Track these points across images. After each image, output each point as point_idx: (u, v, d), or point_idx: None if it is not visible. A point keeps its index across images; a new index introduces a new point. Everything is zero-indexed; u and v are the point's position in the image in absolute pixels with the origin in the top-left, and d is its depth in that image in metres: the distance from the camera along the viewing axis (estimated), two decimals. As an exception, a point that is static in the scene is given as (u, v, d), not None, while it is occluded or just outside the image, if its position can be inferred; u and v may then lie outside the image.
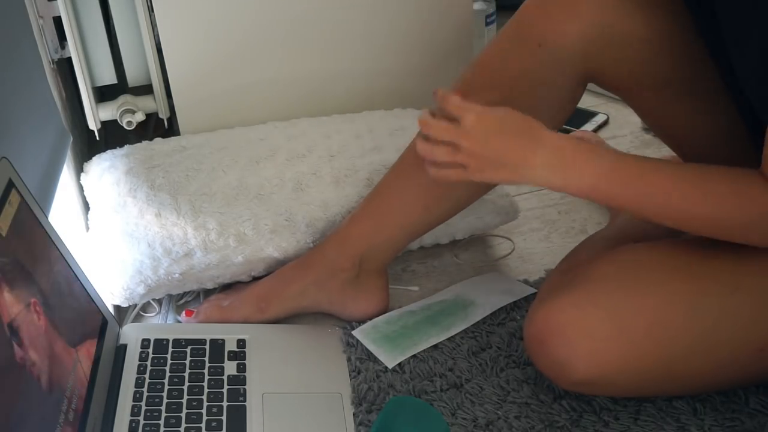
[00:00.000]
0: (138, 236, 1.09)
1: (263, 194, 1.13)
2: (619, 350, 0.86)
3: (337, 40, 1.32)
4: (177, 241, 1.08)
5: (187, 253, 1.08)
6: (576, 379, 0.88)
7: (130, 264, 1.07)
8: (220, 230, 1.09)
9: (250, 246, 1.09)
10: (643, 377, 0.89)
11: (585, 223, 1.28)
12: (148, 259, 1.07)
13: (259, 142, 1.22)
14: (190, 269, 1.08)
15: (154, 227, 1.09)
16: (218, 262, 1.09)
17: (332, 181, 1.16)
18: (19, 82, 1.00)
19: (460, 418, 0.93)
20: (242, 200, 1.12)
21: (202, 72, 1.29)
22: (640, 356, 0.86)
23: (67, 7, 1.18)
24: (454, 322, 1.06)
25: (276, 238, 1.10)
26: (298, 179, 1.15)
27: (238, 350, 0.99)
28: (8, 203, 0.79)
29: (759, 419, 0.91)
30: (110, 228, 1.11)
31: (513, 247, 1.23)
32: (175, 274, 1.08)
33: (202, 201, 1.12)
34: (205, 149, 1.21)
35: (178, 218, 1.09)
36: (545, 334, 0.88)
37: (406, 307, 1.10)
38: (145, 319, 1.12)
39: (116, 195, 1.13)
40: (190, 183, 1.14)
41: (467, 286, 1.14)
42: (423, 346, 1.02)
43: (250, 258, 1.09)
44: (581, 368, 0.86)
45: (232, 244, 1.09)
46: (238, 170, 1.16)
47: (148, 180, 1.14)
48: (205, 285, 1.13)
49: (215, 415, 0.90)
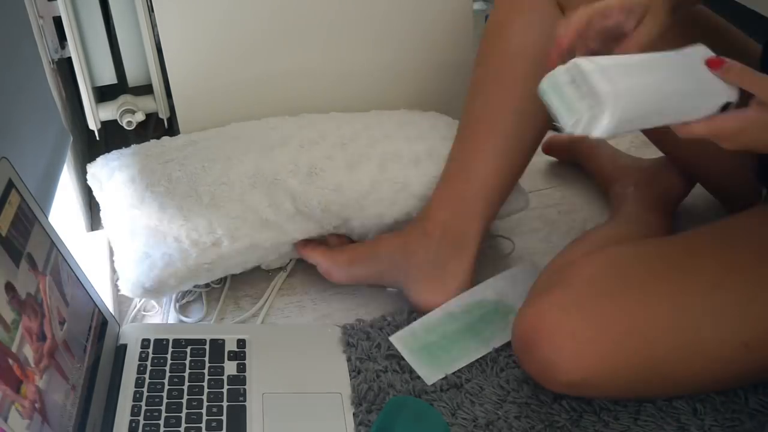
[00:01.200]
0: (163, 230, 1.09)
1: (279, 180, 1.13)
2: (602, 352, 0.86)
3: (337, 40, 1.32)
4: (203, 231, 1.08)
5: (215, 242, 1.09)
6: (562, 381, 0.88)
7: (159, 258, 1.07)
8: (244, 217, 1.10)
9: (274, 230, 1.11)
10: (630, 378, 0.89)
11: (585, 223, 1.29)
12: (176, 252, 1.07)
13: (270, 131, 1.22)
14: (219, 258, 1.09)
15: (179, 220, 1.09)
16: (246, 248, 1.10)
17: (345, 165, 1.16)
18: (19, 82, 1.00)
19: (460, 418, 0.93)
20: (260, 187, 1.13)
21: (202, 71, 1.29)
22: (623, 357, 0.87)
23: (67, 7, 1.18)
24: (495, 333, 1.03)
25: (297, 221, 1.12)
26: (312, 164, 1.15)
27: (238, 350, 0.99)
28: (8, 203, 0.79)
29: (759, 419, 0.91)
30: (130, 225, 1.11)
31: (513, 247, 1.23)
32: (204, 264, 1.09)
33: (222, 190, 1.12)
34: (217, 141, 1.21)
35: (201, 209, 1.10)
36: (531, 335, 0.89)
37: (446, 307, 1.06)
38: (146, 317, 1.13)
39: (132, 191, 1.13)
40: (207, 174, 1.14)
41: (507, 281, 1.11)
42: (463, 362, 1.00)
43: (275, 242, 1.12)
44: (566, 370, 0.87)
45: (258, 229, 1.10)
46: (253, 158, 1.16)
47: (164, 174, 1.14)
48: (233, 271, 1.14)
49: (215, 415, 0.90)
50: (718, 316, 0.86)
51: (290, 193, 1.13)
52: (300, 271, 1.20)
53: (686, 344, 0.87)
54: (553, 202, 1.33)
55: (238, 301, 1.16)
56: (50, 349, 0.81)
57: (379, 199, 1.14)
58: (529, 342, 0.89)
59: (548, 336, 0.87)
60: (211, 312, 1.13)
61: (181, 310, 1.14)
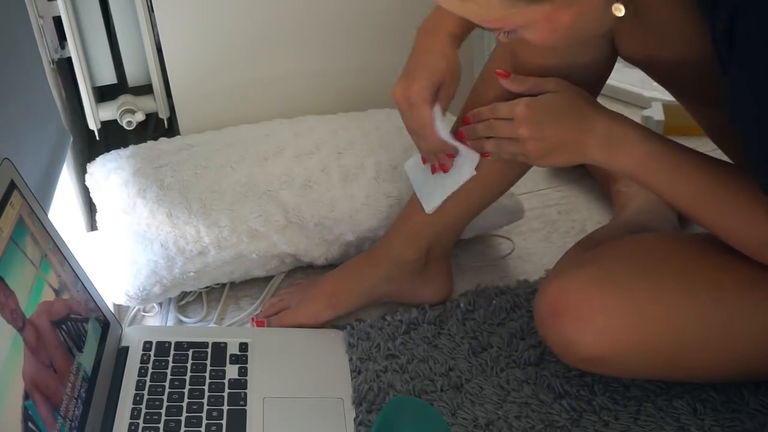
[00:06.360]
0: (150, 237, 1.09)
1: (272, 191, 1.13)
2: (633, 330, 0.86)
3: (336, 39, 1.32)
4: (190, 239, 1.09)
5: (202, 251, 1.09)
6: (585, 355, 0.88)
7: (144, 265, 1.07)
8: (233, 227, 1.10)
9: (263, 242, 1.11)
10: (652, 361, 0.88)
11: (585, 223, 1.29)
12: (162, 259, 1.07)
13: (265, 139, 1.22)
14: (204, 267, 1.09)
15: (167, 227, 1.09)
16: (232, 258, 1.10)
17: (340, 178, 1.16)
18: (19, 82, 0.99)
19: (460, 418, 0.93)
20: (252, 197, 1.13)
21: (202, 71, 1.29)
22: (652, 339, 0.86)
23: (67, 7, 1.18)
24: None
25: (287, 234, 1.11)
26: (306, 176, 1.15)
27: (240, 354, 0.99)
28: (10, 204, 0.79)
29: (759, 419, 0.91)
30: (121, 229, 1.11)
31: (513, 247, 1.24)
32: (190, 272, 1.09)
33: (212, 199, 1.12)
34: (212, 146, 1.21)
35: (190, 217, 1.10)
36: (560, 306, 0.88)
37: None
38: (145, 318, 1.13)
39: (125, 196, 1.13)
40: (199, 181, 1.14)
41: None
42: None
43: (263, 254, 1.11)
44: (592, 344, 0.86)
45: (245, 240, 1.10)
46: (246, 167, 1.16)
47: (156, 180, 1.14)
48: (220, 280, 1.14)
49: (215, 419, 0.90)
50: (752, 314, 0.86)
51: (282, 205, 1.12)
52: (300, 271, 1.20)
53: (716, 338, 0.86)
54: (553, 202, 1.33)
55: (238, 302, 1.16)
56: (52, 350, 0.81)
57: (373, 213, 1.14)
58: (556, 313, 0.88)
59: (579, 308, 0.87)
60: (212, 312, 1.13)
61: (181, 310, 1.14)
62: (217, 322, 1.12)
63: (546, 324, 0.91)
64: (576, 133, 0.88)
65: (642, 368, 0.91)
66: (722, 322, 0.86)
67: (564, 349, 0.90)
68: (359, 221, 1.14)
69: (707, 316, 0.86)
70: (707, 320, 0.86)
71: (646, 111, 1.52)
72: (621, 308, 0.86)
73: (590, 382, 0.96)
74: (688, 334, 0.86)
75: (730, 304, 0.86)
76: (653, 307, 0.86)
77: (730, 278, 0.87)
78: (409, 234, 1.07)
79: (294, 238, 1.12)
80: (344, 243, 1.15)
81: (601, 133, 0.87)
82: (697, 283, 0.87)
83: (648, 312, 0.86)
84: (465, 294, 1.12)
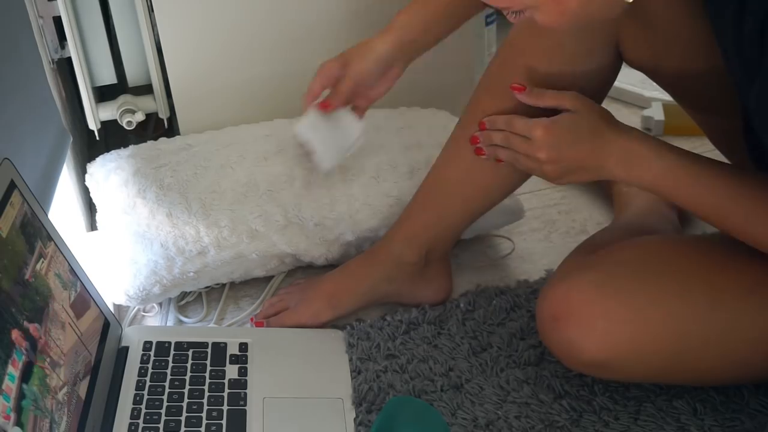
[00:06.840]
0: (150, 237, 1.09)
1: (272, 191, 1.13)
2: (634, 335, 0.86)
3: (336, 39, 1.31)
4: (190, 239, 1.09)
5: (201, 252, 1.09)
6: (586, 360, 0.88)
7: (144, 265, 1.07)
8: (233, 227, 1.10)
9: (263, 242, 1.11)
10: (653, 365, 0.88)
11: (585, 223, 1.29)
12: (162, 259, 1.07)
13: (265, 139, 1.22)
14: (204, 267, 1.09)
15: (166, 227, 1.09)
16: (232, 258, 1.10)
17: (340, 178, 1.16)
18: (19, 82, 1.00)
19: (460, 418, 0.93)
20: (252, 197, 1.13)
21: (202, 72, 1.29)
22: (653, 343, 0.86)
23: (67, 7, 1.18)
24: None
25: (287, 234, 1.11)
26: (306, 176, 1.15)
27: (240, 354, 0.99)
28: (10, 204, 0.79)
29: (759, 419, 0.91)
30: (121, 229, 1.11)
31: (513, 247, 1.24)
32: (189, 272, 1.08)
33: (212, 199, 1.12)
34: (212, 146, 1.21)
35: (190, 217, 1.10)
36: (561, 311, 0.88)
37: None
38: (145, 318, 1.13)
39: (125, 196, 1.13)
40: (198, 181, 1.14)
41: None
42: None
43: (263, 254, 1.11)
44: (593, 348, 0.86)
45: (245, 240, 1.10)
46: (246, 167, 1.16)
47: (156, 180, 1.14)
48: (220, 280, 1.14)
49: (215, 419, 0.90)
50: (753, 318, 0.85)
51: (282, 206, 1.12)
52: (300, 271, 1.20)
53: (718, 341, 0.86)
54: (553, 202, 1.33)
55: (238, 302, 1.16)
56: (51, 350, 0.81)
57: (373, 213, 1.14)
58: (557, 316, 0.89)
59: (580, 312, 0.87)
60: (211, 312, 1.13)
61: (181, 310, 1.14)
62: (217, 322, 1.12)
63: (547, 328, 0.91)
64: (594, 155, 0.89)
65: (643, 372, 0.91)
66: (723, 326, 0.86)
67: (565, 353, 0.90)
68: (359, 221, 1.14)
69: (708, 320, 0.86)
70: (708, 324, 0.86)
71: (646, 111, 1.52)
72: (622, 313, 0.86)
73: (590, 382, 0.96)
74: (689, 338, 0.86)
75: (730, 308, 0.86)
76: (654, 312, 0.86)
77: (731, 282, 0.87)
78: (409, 235, 1.07)
79: (294, 238, 1.12)
80: (344, 243, 1.15)
81: (619, 152, 0.87)
82: (698, 286, 0.87)
83: (649, 316, 0.86)
84: (465, 294, 1.12)
